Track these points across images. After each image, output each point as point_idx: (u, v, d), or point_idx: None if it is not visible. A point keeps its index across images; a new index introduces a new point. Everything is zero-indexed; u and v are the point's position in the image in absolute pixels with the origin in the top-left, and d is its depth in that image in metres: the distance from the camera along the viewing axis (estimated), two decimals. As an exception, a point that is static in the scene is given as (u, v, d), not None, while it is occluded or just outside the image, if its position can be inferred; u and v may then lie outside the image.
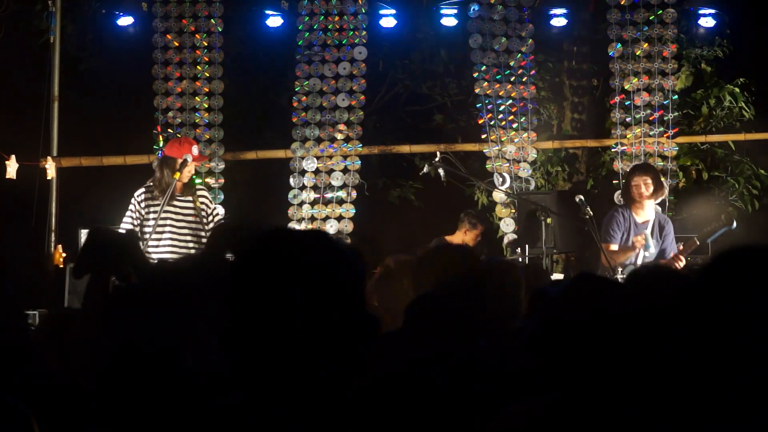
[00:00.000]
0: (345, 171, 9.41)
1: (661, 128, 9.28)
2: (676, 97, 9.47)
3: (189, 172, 7.66)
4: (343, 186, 9.38)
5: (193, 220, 7.67)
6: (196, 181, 8.01)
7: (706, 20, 9.74)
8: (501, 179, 9.23)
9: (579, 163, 11.80)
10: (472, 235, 9.41)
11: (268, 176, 10.95)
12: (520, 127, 9.39)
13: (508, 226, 9.26)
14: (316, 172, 9.39)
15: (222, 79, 9.44)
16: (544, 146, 10.23)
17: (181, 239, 7.63)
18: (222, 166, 9.39)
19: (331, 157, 9.41)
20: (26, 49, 10.27)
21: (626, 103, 9.34)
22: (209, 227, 7.65)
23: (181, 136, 8.68)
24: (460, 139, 10.92)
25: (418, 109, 12.90)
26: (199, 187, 7.96)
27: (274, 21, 9.65)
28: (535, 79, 9.80)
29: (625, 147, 9.31)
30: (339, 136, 9.42)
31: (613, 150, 9.47)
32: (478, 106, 9.55)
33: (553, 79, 11.71)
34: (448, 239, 9.30)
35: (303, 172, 9.38)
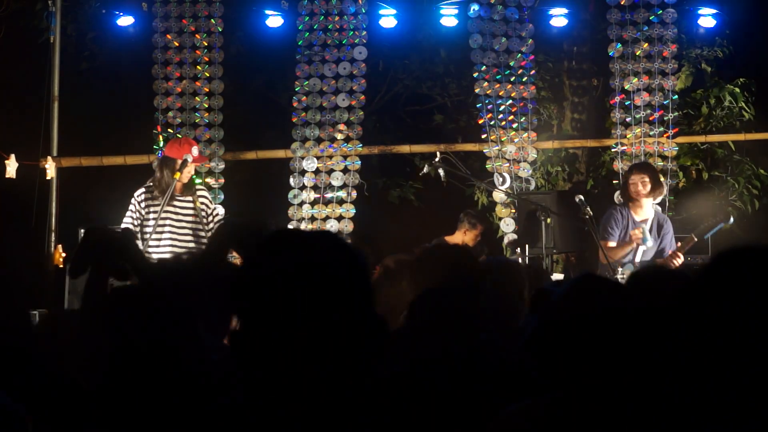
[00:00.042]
0: (345, 171, 9.40)
1: (661, 128, 9.27)
2: (676, 97, 9.46)
3: (189, 173, 7.66)
4: (343, 186, 9.37)
5: (193, 221, 7.67)
6: (196, 182, 8.01)
7: (706, 20, 9.74)
8: (501, 179, 9.22)
9: (579, 163, 11.80)
10: (471, 235, 9.41)
11: (268, 176, 10.96)
12: (520, 127, 9.39)
13: (508, 226, 9.26)
14: (316, 172, 9.39)
15: (222, 79, 9.44)
16: (544, 146, 10.23)
17: (181, 239, 7.63)
18: (222, 166, 9.38)
19: (331, 157, 9.41)
20: (26, 49, 10.28)
21: (626, 103, 9.34)
22: (209, 227, 7.65)
23: (181, 137, 8.67)
24: (460, 139, 10.93)
25: (418, 109, 12.92)
26: (199, 188, 7.95)
27: (274, 21, 9.65)
28: (535, 79, 9.79)
29: (625, 147, 9.30)
30: (339, 136, 9.41)
31: (613, 150, 9.46)
32: (478, 106, 9.54)
33: (553, 79, 11.71)
34: (448, 239, 9.30)
35: (303, 172, 9.38)
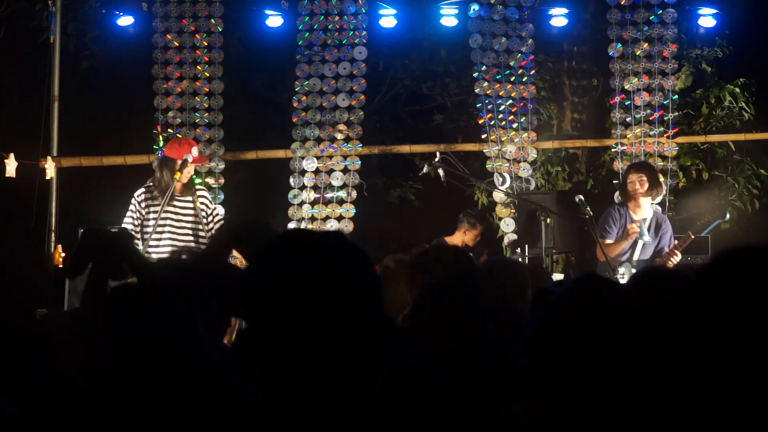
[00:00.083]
0: (345, 171, 9.40)
1: (661, 128, 9.26)
2: (676, 97, 9.45)
3: (189, 173, 7.66)
4: (343, 186, 9.37)
5: (193, 221, 7.67)
6: (196, 182, 8.01)
7: (706, 20, 9.73)
8: (501, 179, 9.22)
9: (579, 163, 11.81)
10: (471, 235, 9.42)
11: (268, 176, 10.96)
12: (520, 127, 9.38)
13: (508, 226, 9.26)
14: (316, 172, 9.38)
15: (222, 79, 9.43)
16: (544, 146, 10.23)
17: (181, 239, 7.63)
18: (222, 166, 9.38)
19: (331, 157, 9.40)
20: (26, 49, 10.28)
21: (626, 103, 9.33)
22: (209, 227, 7.65)
23: (181, 137, 8.67)
24: (460, 139, 10.93)
25: (418, 109, 12.92)
26: (199, 188, 7.95)
27: (274, 21, 9.64)
28: (535, 79, 9.79)
29: (625, 147, 9.30)
30: (339, 136, 9.41)
31: (613, 150, 9.46)
32: (478, 106, 9.54)
33: (553, 79, 11.72)
34: (448, 239, 9.31)
35: (303, 172, 9.37)
